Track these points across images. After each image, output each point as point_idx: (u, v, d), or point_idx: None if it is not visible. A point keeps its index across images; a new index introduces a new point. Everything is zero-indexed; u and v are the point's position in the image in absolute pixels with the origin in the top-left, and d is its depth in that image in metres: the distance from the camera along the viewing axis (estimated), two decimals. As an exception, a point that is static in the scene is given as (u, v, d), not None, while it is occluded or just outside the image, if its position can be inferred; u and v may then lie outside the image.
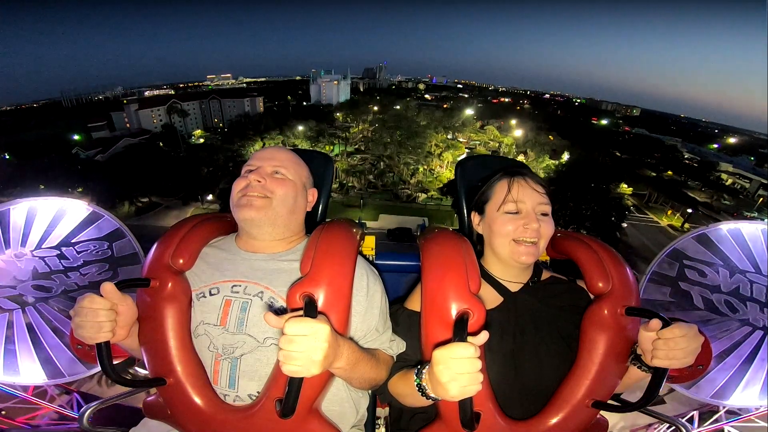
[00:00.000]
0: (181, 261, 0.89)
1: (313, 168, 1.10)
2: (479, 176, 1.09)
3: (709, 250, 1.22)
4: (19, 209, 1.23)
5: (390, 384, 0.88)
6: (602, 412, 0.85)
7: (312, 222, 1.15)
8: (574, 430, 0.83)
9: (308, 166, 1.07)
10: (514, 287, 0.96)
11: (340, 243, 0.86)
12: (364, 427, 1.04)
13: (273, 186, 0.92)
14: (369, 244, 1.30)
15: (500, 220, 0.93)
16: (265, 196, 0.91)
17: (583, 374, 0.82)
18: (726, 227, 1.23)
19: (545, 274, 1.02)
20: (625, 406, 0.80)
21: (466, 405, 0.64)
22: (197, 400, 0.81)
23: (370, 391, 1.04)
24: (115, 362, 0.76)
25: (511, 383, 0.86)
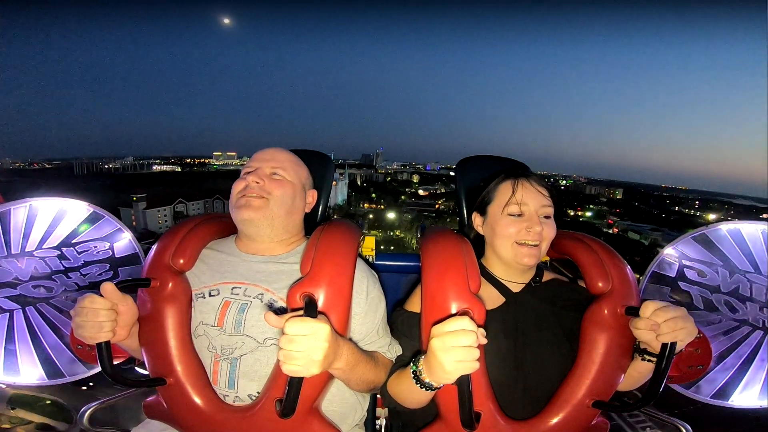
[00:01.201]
0: (181, 261, 0.89)
1: (313, 169, 1.10)
2: (479, 177, 1.08)
3: (709, 250, 1.22)
4: (20, 209, 1.23)
5: (389, 383, 0.88)
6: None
7: (311, 223, 1.15)
8: (575, 430, 0.82)
9: (308, 168, 1.07)
10: (515, 287, 0.96)
11: (340, 243, 0.86)
12: (364, 427, 1.04)
13: (271, 187, 0.92)
14: (369, 245, 1.30)
15: (503, 222, 0.92)
16: (262, 197, 0.91)
17: (583, 374, 0.82)
18: (726, 227, 1.23)
19: (546, 275, 1.02)
20: (625, 406, 0.80)
21: (465, 402, 0.64)
22: (197, 400, 0.81)
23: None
24: (115, 362, 0.76)
25: (514, 383, 0.86)
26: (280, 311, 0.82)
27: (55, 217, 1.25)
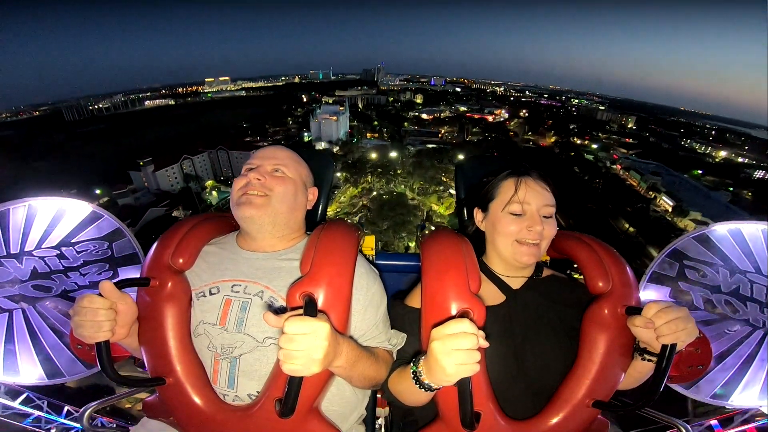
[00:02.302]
0: (181, 260, 0.89)
1: (313, 167, 1.10)
2: (479, 176, 1.08)
3: (709, 250, 1.22)
4: (19, 209, 1.23)
5: (390, 381, 0.88)
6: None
7: (312, 221, 1.15)
8: (575, 430, 0.82)
9: (308, 166, 1.07)
10: (516, 284, 0.96)
11: (340, 243, 0.86)
12: (364, 426, 1.04)
13: (272, 184, 0.93)
14: (369, 244, 1.30)
15: (504, 220, 0.93)
16: (264, 195, 0.91)
17: (583, 374, 0.82)
18: (726, 227, 1.23)
19: (546, 272, 1.02)
20: (625, 406, 0.80)
21: (466, 402, 0.63)
22: (197, 399, 0.81)
23: (369, 391, 1.04)
24: (114, 362, 0.76)
25: (516, 381, 0.86)
26: (279, 310, 0.82)
27: (54, 217, 1.25)
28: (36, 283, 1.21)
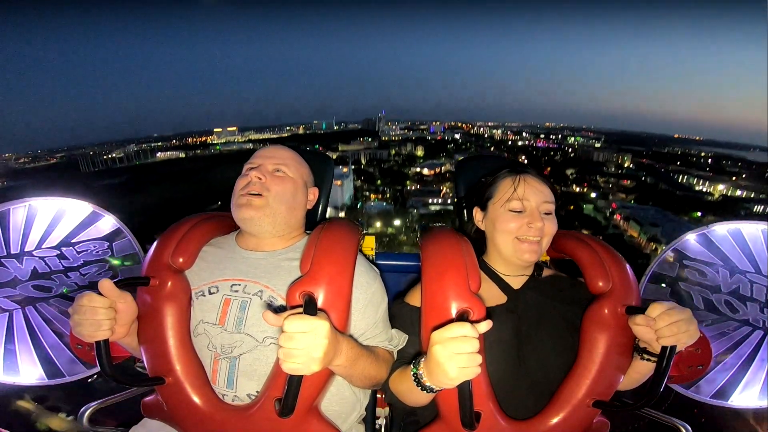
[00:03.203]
0: (180, 260, 0.89)
1: (314, 168, 1.10)
2: (478, 176, 1.09)
3: (709, 250, 1.22)
4: (19, 209, 1.23)
5: (390, 381, 0.88)
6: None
7: (312, 221, 1.15)
8: (575, 430, 0.82)
9: (309, 166, 1.07)
10: (517, 283, 0.96)
11: (340, 242, 0.86)
12: (364, 426, 1.03)
13: (272, 183, 0.93)
14: (369, 244, 1.30)
15: (504, 217, 0.92)
16: (262, 195, 0.91)
17: (583, 374, 0.82)
18: (726, 227, 1.23)
19: (546, 271, 1.02)
20: (625, 406, 0.80)
21: (466, 403, 0.63)
22: (196, 399, 0.81)
23: (369, 391, 1.04)
24: (114, 362, 0.76)
25: (518, 381, 0.86)
26: (279, 310, 0.82)
27: (54, 217, 1.25)
28: (36, 283, 1.21)
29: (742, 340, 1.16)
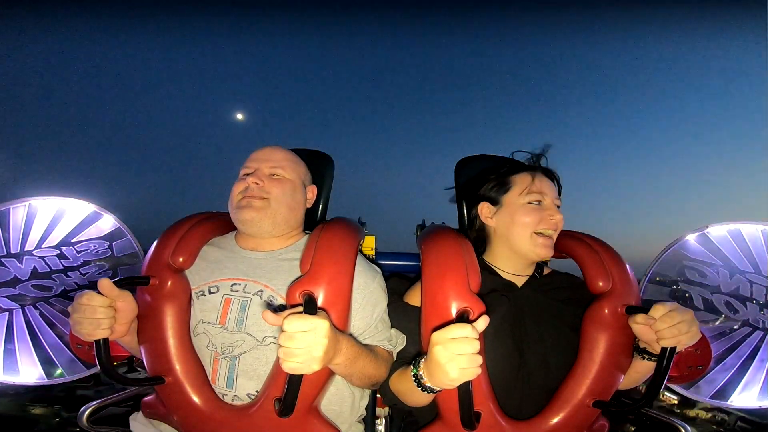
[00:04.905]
0: (180, 259, 0.89)
1: (313, 167, 1.10)
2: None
3: (709, 250, 1.22)
4: (19, 209, 1.23)
5: (390, 381, 0.88)
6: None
7: (312, 221, 1.15)
8: (576, 430, 0.82)
9: (308, 166, 1.07)
10: (518, 283, 0.96)
11: (340, 242, 0.86)
12: (364, 426, 1.03)
13: (271, 187, 0.93)
14: (369, 244, 1.30)
15: (523, 210, 0.92)
16: (263, 198, 0.91)
17: (584, 374, 0.82)
18: (726, 227, 1.23)
19: (546, 269, 1.02)
20: (625, 406, 0.80)
21: (466, 403, 0.63)
22: (196, 399, 0.81)
23: (369, 391, 1.04)
24: (114, 362, 0.76)
25: (518, 380, 0.86)
26: (279, 309, 0.82)
27: (54, 217, 1.26)
28: (36, 282, 1.21)
29: (742, 341, 1.16)
